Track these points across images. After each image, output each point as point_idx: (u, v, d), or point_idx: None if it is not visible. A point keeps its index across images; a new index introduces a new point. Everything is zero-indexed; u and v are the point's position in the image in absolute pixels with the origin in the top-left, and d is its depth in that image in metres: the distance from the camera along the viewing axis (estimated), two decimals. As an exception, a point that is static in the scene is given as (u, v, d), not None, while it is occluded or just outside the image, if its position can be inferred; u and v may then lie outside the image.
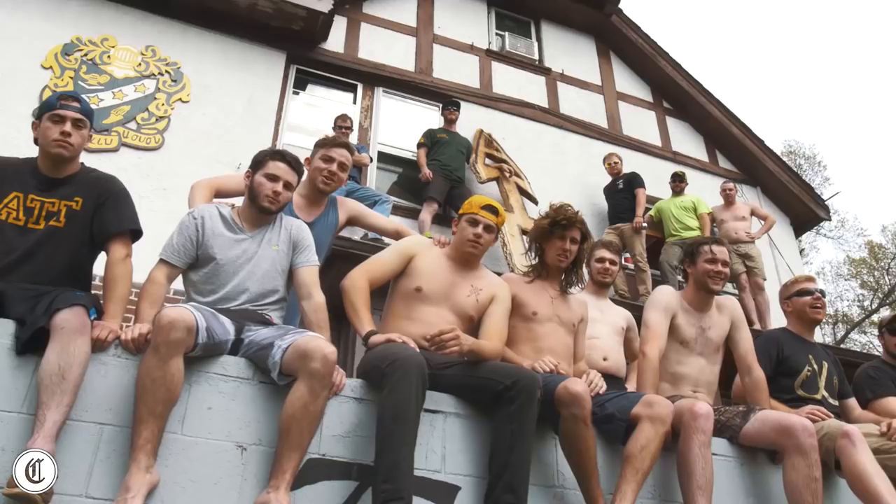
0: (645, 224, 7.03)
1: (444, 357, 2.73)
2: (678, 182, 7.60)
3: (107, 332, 2.40)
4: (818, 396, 3.53)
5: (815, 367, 3.61)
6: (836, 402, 3.62)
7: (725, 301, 3.54)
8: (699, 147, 9.19)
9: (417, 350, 2.60)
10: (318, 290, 2.82)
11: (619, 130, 8.57)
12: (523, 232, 6.54)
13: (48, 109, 2.66)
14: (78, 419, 2.25)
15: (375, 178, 7.17)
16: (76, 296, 2.34)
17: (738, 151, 9.18)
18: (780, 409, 3.29)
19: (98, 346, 2.37)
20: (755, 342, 3.53)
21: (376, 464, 2.32)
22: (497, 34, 8.79)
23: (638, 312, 3.61)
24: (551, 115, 8.21)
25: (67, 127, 2.63)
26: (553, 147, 7.98)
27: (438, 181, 6.58)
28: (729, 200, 7.66)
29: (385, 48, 7.92)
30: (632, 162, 7.92)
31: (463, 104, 7.68)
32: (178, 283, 2.95)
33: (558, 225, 3.21)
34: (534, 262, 3.38)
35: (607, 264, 3.89)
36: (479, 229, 3.06)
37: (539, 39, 9.04)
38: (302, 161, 3.07)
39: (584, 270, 3.57)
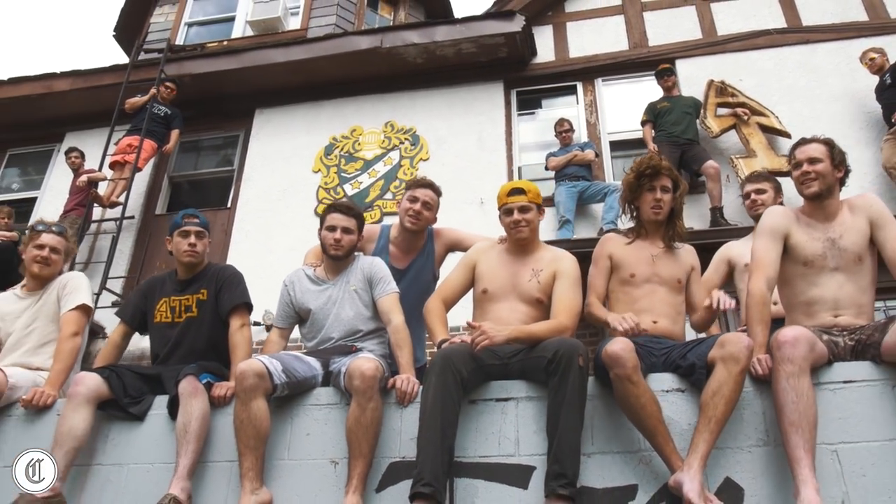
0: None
1: (511, 347, 2.86)
2: (972, 51, 6.21)
3: (225, 390, 3.06)
4: None
5: None
6: None
7: (858, 199, 3.01)
8: None
9: (469, 345, 2.77)
10: (396, 315, 3.17)
11: (884, 16, 7.25)
12: (771, 174, 5.93)
13: (176, 228, 3.44)
14: (214, 460, 2.94)
15: (612, 168, 7.13)
16: (190, 367, 3.05)
17: None
18: None
19: (220, 401, 3.03)
20: None
21: None
22: (712, -29, 8.13)
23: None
24: (791, 33, 7.28)
25: (193, 239, 3.39)
26: (801, 67, 7.06)
27: (666, 150, 6.29)
28: None
29: (595, 38, 7.84)
30: (909, 48, 6.68)
31: (687, 60, 7.36)
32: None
33: (644, 176, 3.11)
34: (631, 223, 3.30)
35: (753, 196, 3.61)
36: (515, 215, 3.16)
37: (761, -46, 8.12)
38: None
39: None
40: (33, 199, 8.36)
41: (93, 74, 8.23)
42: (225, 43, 8.79)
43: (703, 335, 3.17)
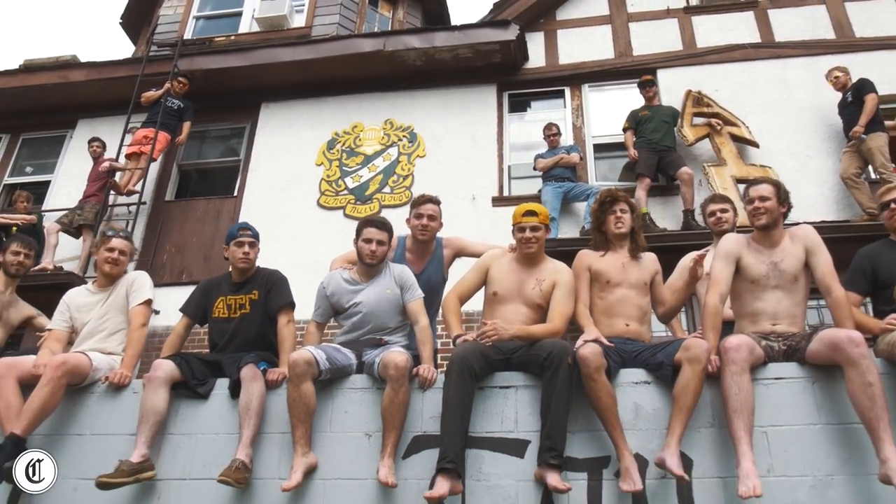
0: (863, 137, 6.44)
1: (514, 344, 3.49)
2: (926, 72, 6.81)
3: (276, 375, 3.67)
4: None
5: None
6: None
7: (797, 230, 3.66)
8: (965, 18, 7.98)
9: (479, 343, 3.41)
10: (422, 316, 3.80)
11: (850, 35, 7.86)
12: (739, 181, 6.58)
13: (232, 238, 4.02)
14: (270, 432, 3.58)
15: (595, 169, 7.73)
16: (250, 356, 3.66)
17: None
18: (868, 324, 3.48)
19: (273, 385, 3.64)
20: (853, 261, 3.72)
21: None
22: (694, -14, 8.68)
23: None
24: (765, 48, 7.88)
25: (246, 248, 3.99)
26: (772, 80, 7.66)
27: (644, 156, 6.94)
28: None
29: (583, 45, 8.39)
30: (871, 67, 7.25)
31: (668, 70, 7.95)
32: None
33: (606, 203, 3.81)
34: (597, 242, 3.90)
35: (718, 214, 4.19)
36: (527, 233, 3.74)
37: (741, -27, 8.68)
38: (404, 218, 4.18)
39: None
40: (46, 183, 8.78)
41: (108, 66, 8.67)
42: (232, 38, 9.25)
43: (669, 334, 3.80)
